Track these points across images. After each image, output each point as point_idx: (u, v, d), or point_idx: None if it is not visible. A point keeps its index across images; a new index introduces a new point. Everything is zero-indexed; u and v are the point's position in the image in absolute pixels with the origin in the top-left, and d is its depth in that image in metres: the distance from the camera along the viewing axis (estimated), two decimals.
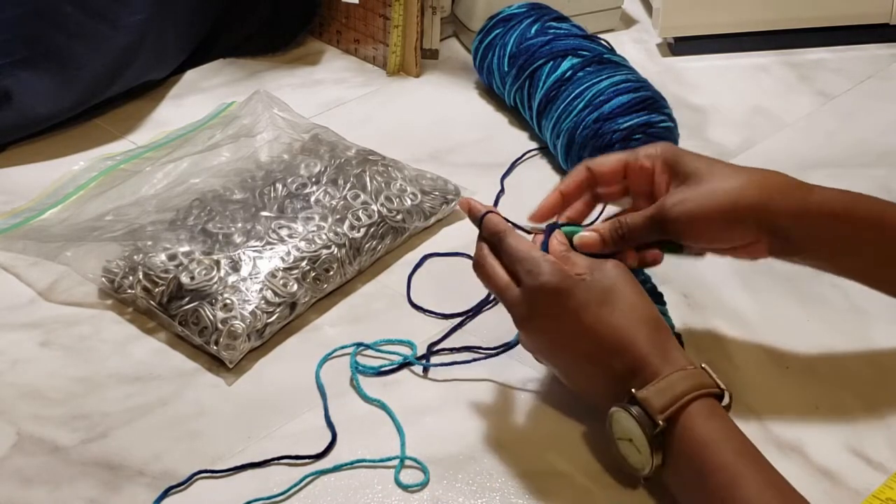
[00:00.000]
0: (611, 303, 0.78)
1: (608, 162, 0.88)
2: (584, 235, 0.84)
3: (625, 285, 0.79)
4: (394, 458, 0.82)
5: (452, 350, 0.91)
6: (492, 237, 0.83)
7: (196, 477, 0.80)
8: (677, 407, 0.73)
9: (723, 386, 0.76)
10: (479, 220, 0.84)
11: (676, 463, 0.74)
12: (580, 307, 0.78)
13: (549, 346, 0.81)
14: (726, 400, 0.76)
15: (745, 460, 0.72)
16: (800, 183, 0.84)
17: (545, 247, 0.83)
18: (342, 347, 0.91)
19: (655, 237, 0.85)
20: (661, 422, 0.73)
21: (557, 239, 0.83)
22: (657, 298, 0.87)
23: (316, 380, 0.88)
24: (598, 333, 0.78)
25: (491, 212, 0.84)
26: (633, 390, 0.75)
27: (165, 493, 0.79)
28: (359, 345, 0.91)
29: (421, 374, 0.89)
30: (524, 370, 0.89)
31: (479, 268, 0.84)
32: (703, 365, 0.76)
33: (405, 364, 0.90)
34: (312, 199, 1.00)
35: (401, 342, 0.91)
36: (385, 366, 0.89)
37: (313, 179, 1.03)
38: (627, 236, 0.84)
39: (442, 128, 1.21)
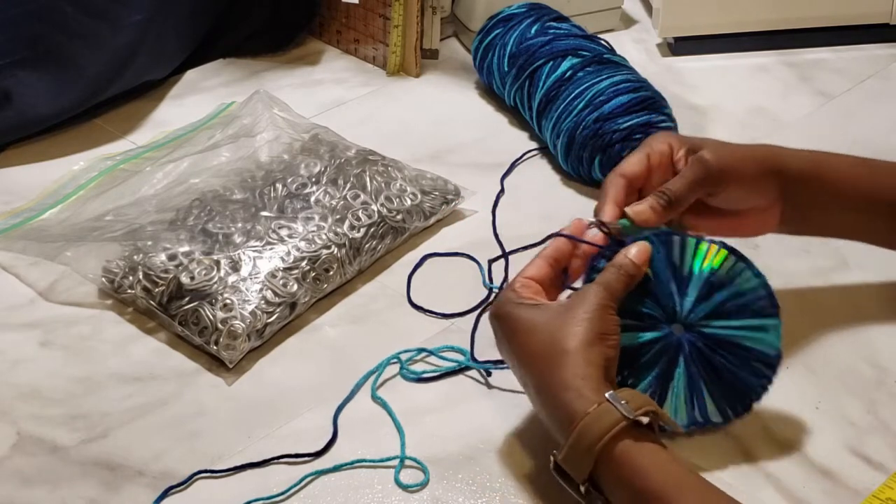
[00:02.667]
0: (544, 332, 0.77)
1: (633, 162, 0.88)
2: (636, 208, 0.84)
3: (577, 306, 0.77)
4: (394, 458, 0.82)
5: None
6: None
7: (196, 477, 0.80)
8: (593, 460, 0.72)
9: (634, 409, 0.72)
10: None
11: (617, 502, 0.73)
12: (515, 328, 0.78)
13: (512, 369, 0.81)
14: (646, 420, 0.73)
15: (673, 490, 0.70)
16: (787, 149, 0.91)
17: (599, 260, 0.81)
18: (405, 351, 0.90)
19: (699, 193, 0.86)
20: (583, 483, 0.72)
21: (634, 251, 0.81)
22: (770, 311, 0.81)
23: (372, 394, 0.87)
24: (522, 361, 0.78)
25: (558, 235, 0.83)
26: (554, 453, 0.74)
27: (165, 494, 0.79)
28: (420, 350, 0.91)
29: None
30: None
31: None
32: (606, 395, 0.73)
33: (462, 369, 0.89)
34: (312, 199, 1.00)
35: (450, 348, 0.91)
36: (430, 371, 0.89)
37: (313, 179, 1.03)
38: (674, 201, 0.85)
39: (442, 128, 1.21)
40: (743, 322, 0.80)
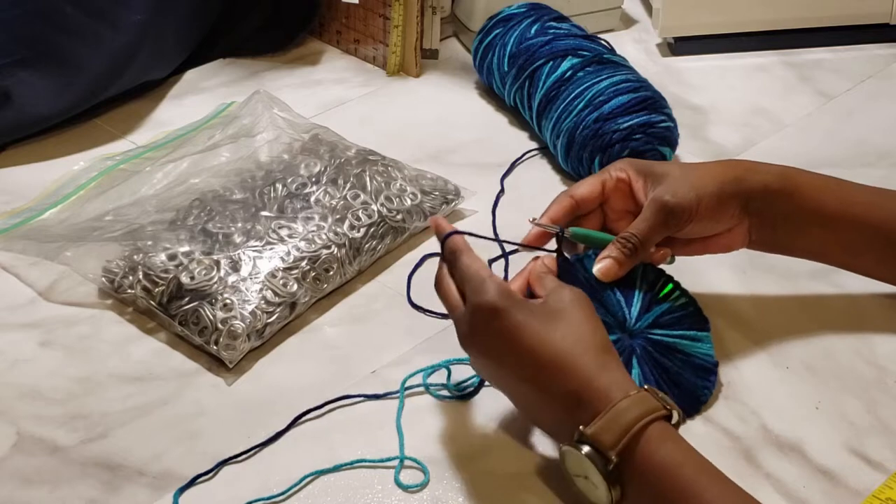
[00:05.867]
0: (554, 325, 0.77)
1: (586, 185, 0.90)
2: (601, 267, 0.85)
3: (576, 310, 0.78)
4: (394, 458, 0.82)
5: None
6: (449, 255, 0.82)
7: (198, 479, 0.80)
8: (629, 438, 0.71)
9: (670, 405, 0.74)
10: (442, 239, 0.83)
11: (637, 493, 0.72)
12: (519, 326, 0.77)
13: (492, 368, 0.80)
14: (675, 418, 0.74)
15: (706, 479, 0.71)
16: (755, 163, 0.91)
17: (560, 251, 0.86)
18: (455, 360, 0.89)
19: (664, 234, 0.87)
20: (614, 457, 0.72)
21: (543, 262, 0.85)
22: (701, 325, 0.87)
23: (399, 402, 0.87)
24: (536, 354, 0.76)
25: (456, 233, 0.83)
26: (581, 427, 0.73)
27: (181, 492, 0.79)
28: (435, 367, 0.89)
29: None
30: None
31: (437, 286, 0.83)
32: (646, 386, 0.75)
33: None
34: (312, 199, 1.00)
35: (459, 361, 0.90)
36: (452, 388, 0.88)
37: (313, 179, 1.03)
38: (640, 246, 0.86)
39: (442, 128, 1.21)
40: (681, 332, 0.86)
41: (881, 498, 0.78)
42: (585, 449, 0.73)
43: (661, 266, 0.89)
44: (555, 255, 0.87)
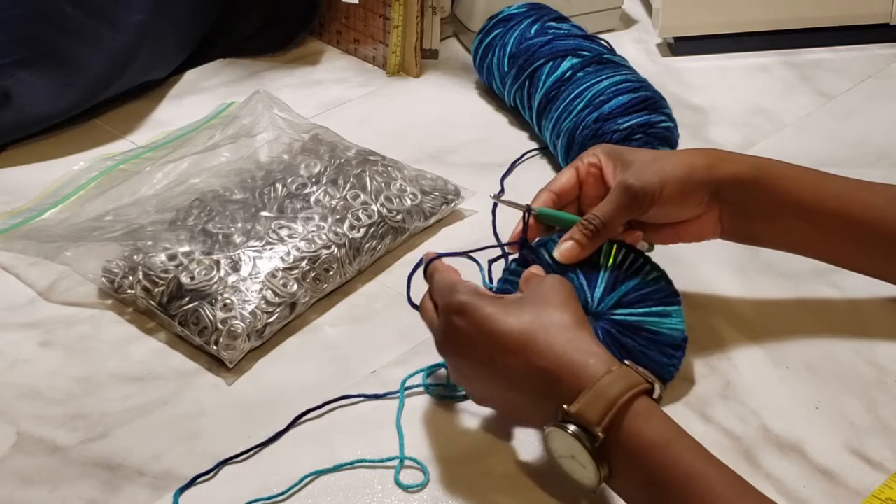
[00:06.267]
0: (521, 309, 0.77)
1: (562, 176, 0.91)
2: (562, 250, 0.86)
3: (549, 294, 0.78)
4: (394, 458, 0.82)
5: None
6: (428, 279, 0.84)
7: (200, 478, 0.80)
8: (614, 413, 0.71)
9: (651, 378, 0.74)
10: (424, 268, 0.85)
11: (625, 470, 0.72)
12: (488, 317, 0.77)
13: (467, 367, 0.79)
14: (657, 392, 0.74)
15: (693, 455, 0.71)
16: (729, 152, 0.91)
17: (525, 234, 0.88)
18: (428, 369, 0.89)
19: (627, 217, 0.87)
20: (600, 433, 0.71)
21: (532, 269, 0.85)
22: (671, 300, 0.87)
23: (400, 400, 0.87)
24: (505, 338, 0.76)
25: (436, 258, 0.85)
26: (564, 406, 0.72)
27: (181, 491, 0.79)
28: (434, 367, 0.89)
29: None
30: None
31: (420, 310, 0.85)
32: (626, 362, 0.74)
33: None
34: (312, 199, 1.00)
35: None
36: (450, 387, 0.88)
37: (313, 179, 1.03)
38: (602, 228, 0.86)
39: (442, 128, 1.21)
40: (646, 309, 0.85)
41: (881, 498, 0.78)
42: (572, 428, 0.72)
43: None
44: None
